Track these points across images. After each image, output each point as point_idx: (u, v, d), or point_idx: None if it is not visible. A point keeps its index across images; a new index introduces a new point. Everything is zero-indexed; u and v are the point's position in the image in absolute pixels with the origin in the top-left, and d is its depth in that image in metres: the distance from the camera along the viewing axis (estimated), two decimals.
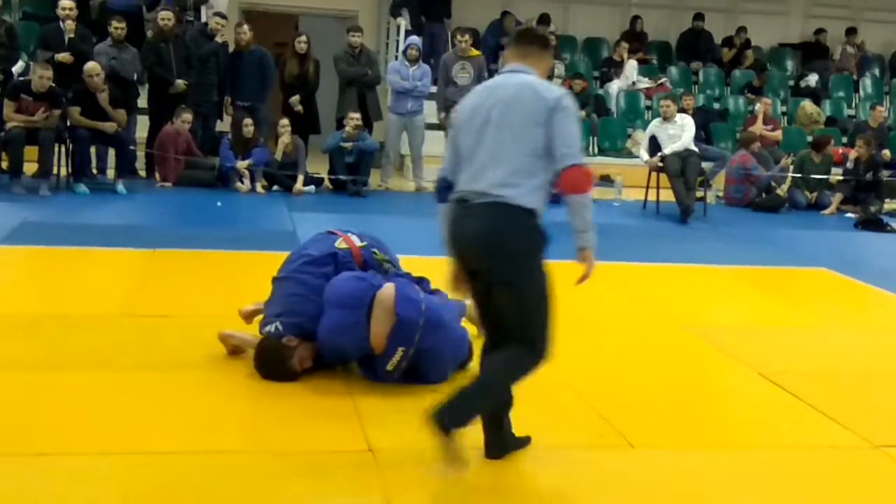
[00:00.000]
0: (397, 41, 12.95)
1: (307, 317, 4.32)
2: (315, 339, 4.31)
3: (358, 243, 4.64)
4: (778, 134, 13.07)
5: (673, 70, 14.92)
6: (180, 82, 10.45)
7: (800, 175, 11.41)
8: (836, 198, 11.18)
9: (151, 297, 5.72)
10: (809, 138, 13.64)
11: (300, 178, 10.36)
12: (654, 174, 10.60)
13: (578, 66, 14.57)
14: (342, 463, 3.59)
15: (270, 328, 4.37)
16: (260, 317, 4.61)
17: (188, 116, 10.21)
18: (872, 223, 10.11)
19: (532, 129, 3.35)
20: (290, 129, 10.43)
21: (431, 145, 11.28)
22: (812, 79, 14.93)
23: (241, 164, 10.21)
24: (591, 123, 13.08)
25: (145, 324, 5.15)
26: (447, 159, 3.57)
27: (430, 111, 11.29)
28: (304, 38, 10.96)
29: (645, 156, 10.63)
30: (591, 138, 13.00)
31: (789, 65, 15.85)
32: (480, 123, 3.43)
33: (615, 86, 14.17)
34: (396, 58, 11.79)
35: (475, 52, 11.15)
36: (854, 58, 15.70)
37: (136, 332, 4.99)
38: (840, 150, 12.26)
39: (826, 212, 11.13)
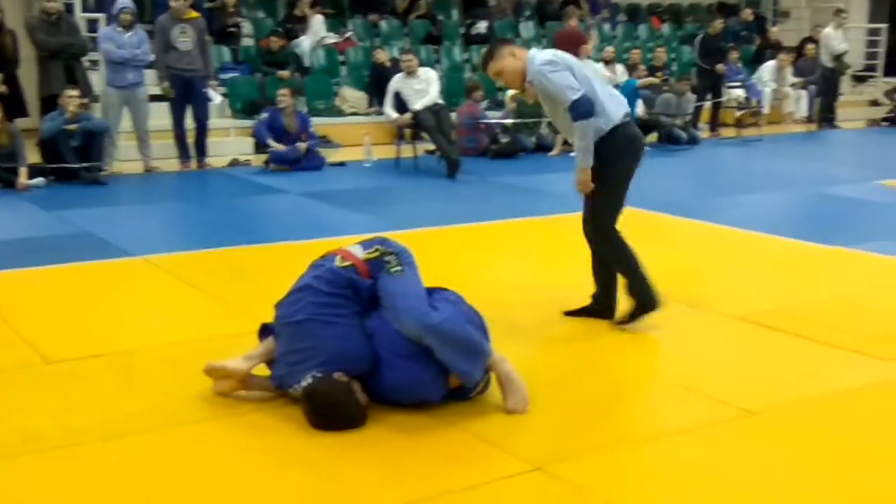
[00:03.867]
0: (70, 3, 11.43)
1: (353, 359, 3.62)
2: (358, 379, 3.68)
3: (361, 255, 3.82)
4: None
5: (357, 23, 14.71)
6: None
7: (520, 119, 11.83)
8: (559, 139, 11.75)
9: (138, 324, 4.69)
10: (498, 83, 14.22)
11: (23, 170, 8.86)
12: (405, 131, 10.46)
13: (264, 23, 13.88)
14: (517, 490, 3.14)
15: (305, 381, 3.57)
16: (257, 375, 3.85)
17: None
18: None
19: None
20: (0, 114, 8.86)
21: (156, 119, 10.22)
22: (482, 25, 15.46)
23: None
24: (298, 83, 12.51)
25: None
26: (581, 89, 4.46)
27: (151, 81, 10.17)
28: None
29: (393, 114, 10.41)
30: (299, 98, 12.44)
31: (454, 13, 16.28)
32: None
33: (306, 42, 13.67)
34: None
35: (194, 13, 10.15)
36: (508, 3, 16.52)
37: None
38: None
39: (552, 153, 11.67)
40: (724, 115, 14.31)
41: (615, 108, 4.59)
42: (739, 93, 14.57)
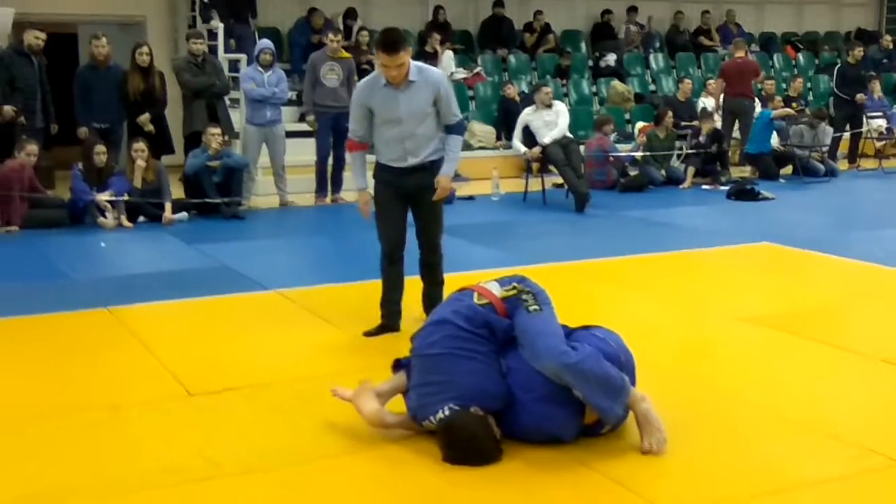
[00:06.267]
0: (214, 45, 11.93)
1: (487, 396, 3.64)
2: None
3: (499, 293, 3.86)
4: None
5: (486, 58, 14.86)
6: (8, 108, 9.03)
7: (650, 153, 11.69)
8: (690, 171, 11.57)
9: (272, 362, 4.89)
10: (626, 116, 14.14)
11: (168, 205, 9.25)
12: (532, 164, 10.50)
13: None
14: None
15: (441, 413, 3.60)
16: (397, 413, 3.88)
17: (34, 148, 8.86)
18: (745, 193, 10.53)
19: None
20: (147, 152, 9.27)
21: (292, 155, 10.53)
22: (610, 58, 15.40)
23: (102, 197, 8.96)
24: None
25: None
26: None
27: (287, 118, 10.50)
28: (145, 48, 9.74)
29: (521, 147, 10.44)
30: None
31: (582, 46, 16.26)
32: None
33: None
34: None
35: (345, 53, 10.47)
36: (638, 36, 16.40)
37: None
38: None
39: (684, 185, 11.48)
40: (864, 147, 13.82)
41: None
42: (880, 123, 14.07)
